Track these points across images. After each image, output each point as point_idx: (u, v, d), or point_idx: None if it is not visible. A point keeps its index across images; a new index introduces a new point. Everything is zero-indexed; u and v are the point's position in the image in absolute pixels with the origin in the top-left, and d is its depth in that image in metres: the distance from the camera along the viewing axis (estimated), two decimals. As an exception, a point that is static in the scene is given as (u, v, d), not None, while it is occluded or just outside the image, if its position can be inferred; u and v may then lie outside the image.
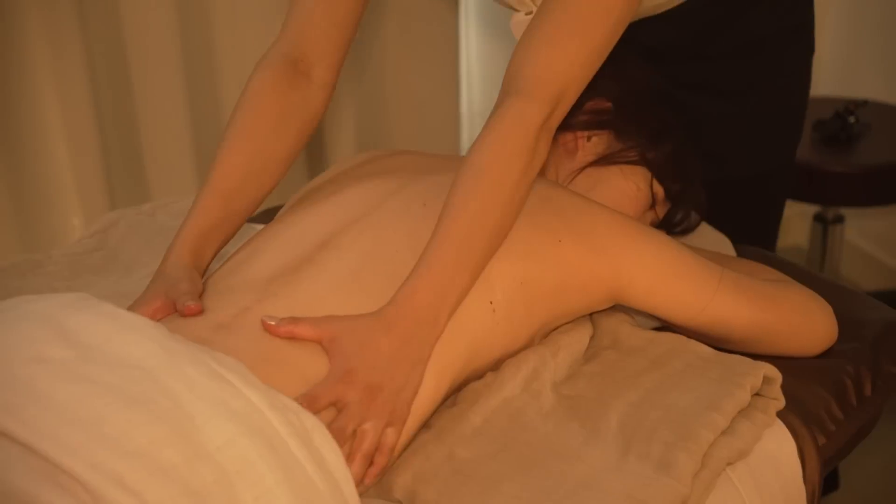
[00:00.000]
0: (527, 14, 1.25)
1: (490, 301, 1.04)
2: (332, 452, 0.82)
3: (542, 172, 1.28)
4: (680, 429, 0.99)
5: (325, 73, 1.19)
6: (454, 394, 1.06)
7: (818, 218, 2.28)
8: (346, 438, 0.91)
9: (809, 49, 1.49)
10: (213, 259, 1.11)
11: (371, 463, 0.93)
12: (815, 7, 1.48)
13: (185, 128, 2.09)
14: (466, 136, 2.53)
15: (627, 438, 0.99)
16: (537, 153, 1.04)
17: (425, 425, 1.02)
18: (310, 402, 0.90)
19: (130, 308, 1.00)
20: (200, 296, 1.02)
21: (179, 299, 1.00)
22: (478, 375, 1.07)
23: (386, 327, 0.95)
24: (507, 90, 1.05)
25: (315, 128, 1.21)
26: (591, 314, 1.19)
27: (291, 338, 0.94)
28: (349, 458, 0.91)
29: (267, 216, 1.56)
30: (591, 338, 1.17)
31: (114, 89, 2.05)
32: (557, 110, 1.05)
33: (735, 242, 1.44)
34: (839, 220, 2.28)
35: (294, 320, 0.95)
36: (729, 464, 1.03)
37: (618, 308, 1.18)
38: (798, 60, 1.48)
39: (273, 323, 0.94)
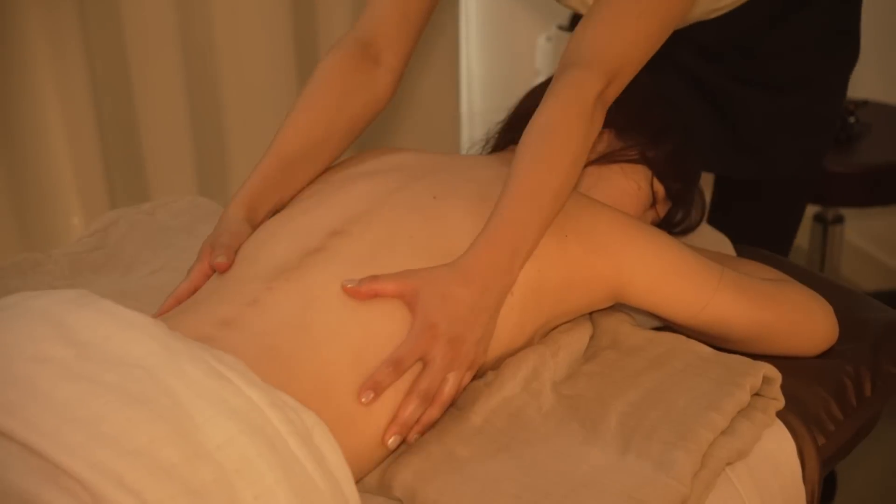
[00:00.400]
0: None
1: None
2: (331, 451, 0.82)
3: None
4: (679, 428, 0.99)
5: (392, 58, 1.26)
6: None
7: (818, 218, 2.28)
8: (431, 396, 0.95)
9: (852, 57, 1.51)
10: (267, 217, 1.17)
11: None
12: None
13: (185, 127, 2.09)
14: (466, 136, 2.54)
15: (627, 438, 0.99)
16: (594, 123, 1.08)
17: (426, 424, 1.02)
18: (396, 364, 0.94)
19: (199, 256, 1.09)
20: (238, 248, 1.09)
21: (213, 254, 1.06)
22: (479, 373, 1.07)
23: (465, 279, 0.98)
24: (568, 62, 1.11)
25: (380, 110, 1.28)
26: (590, 314, 1.19)
27: (375, 296, 0.97)
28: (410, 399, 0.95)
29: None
30: (591, 337, 1.17)
31: (114, 89, 2.05)
32: (612, 86, 1.10)
33: (752, 243, 1.45)
34: (839, 220, 2.28)
35: (375, 278, 0.98)
36: (728, 464, 1.03)
37: (617, 308, 1.18)
38: (840, 66, 1.50)
39: (352, 286, 0.97)
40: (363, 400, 0.92)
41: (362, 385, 0.93)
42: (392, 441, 0.95)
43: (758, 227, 1.56)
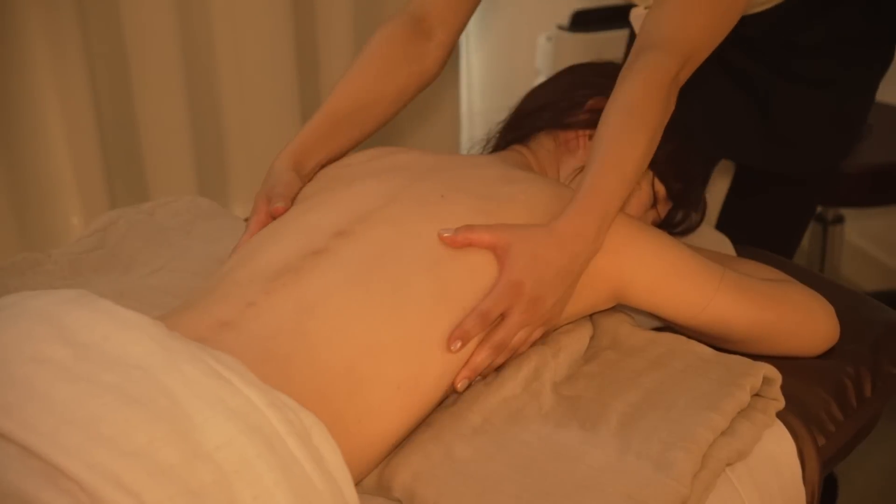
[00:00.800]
0: (645, 8, 1.32)
1: None
2: (330, 451, 0.82)
3: (543, 171, 1.29)
4: (679, 429, 0.99)
5: (444, 34, 1.34)
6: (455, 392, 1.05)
7: (818, 218, 2.28)
8: (503, 348, 1.01)
9: (887, 56, 1.52)
10: (314, 171, 1.24)
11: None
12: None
13: (184, 127, 2.09)
14: (466, 136, 2.53)
15: (627, 438, 0.99)
16: (669, 102, 1.13)
17: (425, 423, 1.02)
18: (483, 316, 0.99)
19: (253, 213, 1.15)
20: (295, 197, 1.16)
21: (271, 201, 1.14)
22: (483, 374, 1.07)
23: (559, 243, 1.02)
24: (643, 46, 1.15)
25: (427, 82, 1.35)
26: (590, 315, 1.19)
27: (469, 246, 1.02)
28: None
29: (267, 216, 1.56)
30: (591, 338, 1.17)
31: (114, 89, 2.05)
32: (684, 69, 1.15)
33: (761, 239, 1.46)
34: (839, 220, 2.28)
35: (470, 228, 1.02)
36: (728, 464, 1.03)
37: (618, 308, 1.18)
38: (874, 65, 1.52)
39: (448, 234, 1.02)
40: (452, 348, 0.98)
41: (451, 334, 0.98)
42: (462, 384, 1.01)
43: (769, 223, 1.58)
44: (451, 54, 1.37)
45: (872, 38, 1.48)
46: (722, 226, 1.68)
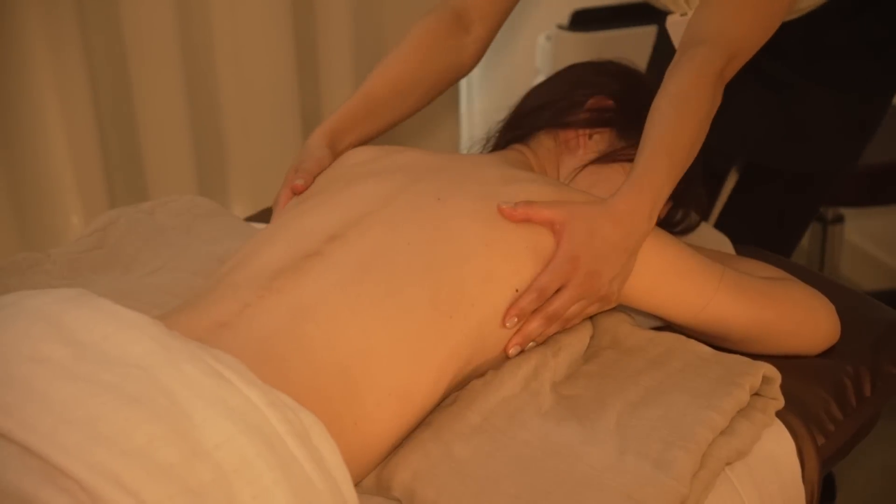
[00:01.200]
0: (682, 15, 1.36)
1: (516, 289, 1.04)
2: (330, 450, 0.82)
3: (543, 171, 1.29)
4: (679, 428, 0.99)
5: (482, 29, 1.38)
6: (455, 392, 1.05)
7: (818, 218, 2.28)
8: (556, 319, 1.04)
9: None
10: (345, 150, 1.27)
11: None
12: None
13: (184, 127, 2.09)
14: (466, 136, 2.53)
15: (626, 437, 0.99)
16: (717, 95, 1.16)
17: (424, 423, 1.01)
18: (540, 292, 1.02)
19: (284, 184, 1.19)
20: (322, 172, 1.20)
21: (295, 177, 1.18)
22: (479, 373, 1.07)
23: (615, 220, 1.05)
24: (691, 41, 1.18)
25: (463, 74, 1.40)
26: (590, 314, 1.19)
27: (527, 221, 1.05)
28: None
29: (267, 216, 1.56)
30: (591, 337, 1.17)
31: (113, 88, 2.05)
32: (730, 65, 1.18)
33: (762, 237, 1.47)
34: (839, 219, 2.28)
35: (529, 203, 1.05)
36: (728, 464, 1.03)
37: (618, 308, 1.18)
38: (893, 70, 1.53)
39: (508, 207, 1.05)
40: (508, 325, 1.02)
41: (508, 311, 1.02)
42: (513, 350, 1.05)
43: (773, 221, 1.60)
44: (486, 50, 1.41)
45: (893, 41, 1.50)
46: (724, 224, 1.68)
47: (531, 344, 1.07)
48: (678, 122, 1.12)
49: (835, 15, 1.44)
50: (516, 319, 1.02)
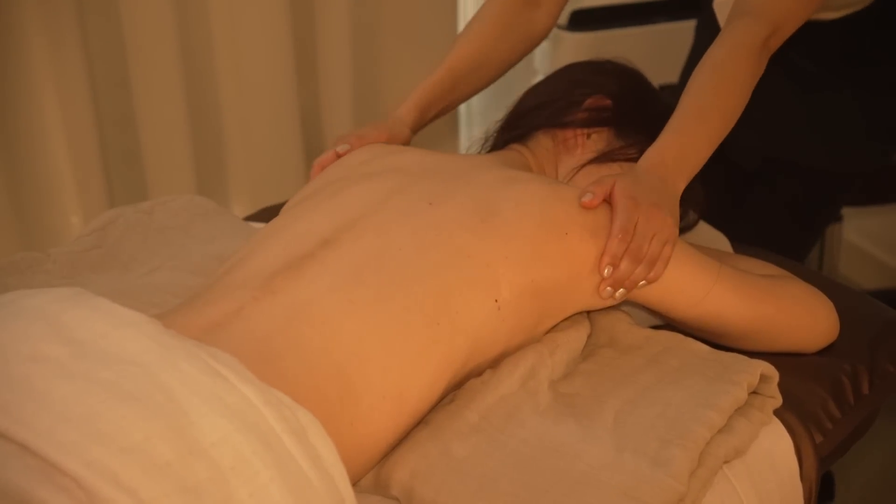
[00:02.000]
0: None
1: (495, 300, 1.04)
2: (326, 449, 0.82)
3: (542, 170, 1.29)
4: (676, 426, 0.99)
5: (551, 6, 1.47)
6: (453, 391, 1.06)
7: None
8: (641, 257, 1.06)
9: None
10: (431, 121, 1.40)
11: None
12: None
13: (183, 126, 2.09)
14: (465, 136, 2.53)
15: (624, 436, 0.99)
16: (759, 65, 1.20)
17: (422, 422, 1.02)
18: (623, 233, 1.06)
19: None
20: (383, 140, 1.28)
21: (344, 139, 1.27)
22: (478, 372, 1.07)
23: (647, 168, 1.12)
24: (737, 13, 1.23)
25: (533, 47, 1.49)
26: (588, 312, 1.19)
27: (601, 202, 1.09)
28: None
29: (267, 215, 1.56)
30: (589, 336, 1.17)
31: (113, 88, 2.05)
32: (776, 35, 1.22)
33: (774, 236, 1.48)
34: (838, 218, 2.28)
35: (594, 193, 1.09)
36: (726, 462, 1.03)
37: (615, 306, 1.18)
38: None
39: (587, 199, 1.09)
40: (605, 273, 1.07)
41: (601, 261, 1.07)
42: (607, 292, 1.09)
43: (791, 221, 1.63)
44: (555, 23, 1.50)
45: None
46: (734, 223, 1.68)
47: (620, 290, 1.09)
48: (712, 87, 1.16)
49: (872, 21, 1.46)
50: (611, 268, 1.06)
